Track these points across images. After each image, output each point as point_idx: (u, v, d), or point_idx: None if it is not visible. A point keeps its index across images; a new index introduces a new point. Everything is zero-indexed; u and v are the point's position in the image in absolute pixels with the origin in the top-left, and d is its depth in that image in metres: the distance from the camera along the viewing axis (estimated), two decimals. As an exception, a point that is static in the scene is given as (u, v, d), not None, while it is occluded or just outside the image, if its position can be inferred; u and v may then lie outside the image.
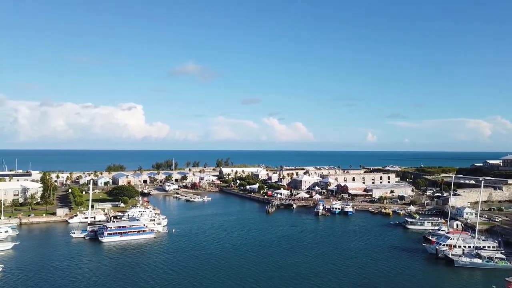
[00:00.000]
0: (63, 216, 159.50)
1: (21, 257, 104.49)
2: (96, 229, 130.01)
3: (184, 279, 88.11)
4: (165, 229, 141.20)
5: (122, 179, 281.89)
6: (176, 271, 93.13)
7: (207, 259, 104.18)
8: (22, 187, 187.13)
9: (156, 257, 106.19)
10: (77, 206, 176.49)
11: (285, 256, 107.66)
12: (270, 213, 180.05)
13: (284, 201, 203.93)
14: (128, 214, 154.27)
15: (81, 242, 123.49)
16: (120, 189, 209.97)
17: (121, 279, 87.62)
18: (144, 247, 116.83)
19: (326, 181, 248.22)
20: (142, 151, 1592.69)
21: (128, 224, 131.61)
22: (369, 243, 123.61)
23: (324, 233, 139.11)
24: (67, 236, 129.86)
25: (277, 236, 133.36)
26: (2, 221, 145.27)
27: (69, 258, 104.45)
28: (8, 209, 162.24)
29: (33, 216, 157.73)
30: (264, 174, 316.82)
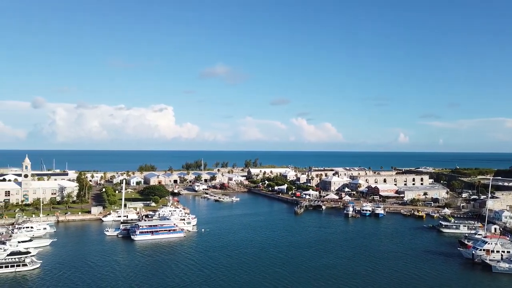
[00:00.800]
0: (97, 215, 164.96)
1: (58, 254, 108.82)
2: (129, 228, 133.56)
3: (215, 278, 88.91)
4: (194, 229, 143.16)
5: (153, 179, 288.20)
6: (208, 270, 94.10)
7: (238, 259, 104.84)
8: (59, 186, 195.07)
9: (187, 256, 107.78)
10: (111, 205, 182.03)
11: (316, 257, 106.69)
12: (299, 214, 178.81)
13: (313, 202, 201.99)
14: (159, 213, 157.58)
15: (114, 240, 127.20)
16: (152, 188, 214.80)
17: (154, 276, 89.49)
18: (175, 246, 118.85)
19: (356, 183, 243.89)
20: (173, 151, 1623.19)
21: (159, 223, 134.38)
22: (401, 246, 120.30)
23: (355, 235, 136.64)
24: (101, 234, 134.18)
25: (306, 237, 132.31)
26: (41, 218, 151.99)
27: (104, 255, 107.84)
28: (46, 207, 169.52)
29: (69, 214, 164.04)
30: (293, 175, 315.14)
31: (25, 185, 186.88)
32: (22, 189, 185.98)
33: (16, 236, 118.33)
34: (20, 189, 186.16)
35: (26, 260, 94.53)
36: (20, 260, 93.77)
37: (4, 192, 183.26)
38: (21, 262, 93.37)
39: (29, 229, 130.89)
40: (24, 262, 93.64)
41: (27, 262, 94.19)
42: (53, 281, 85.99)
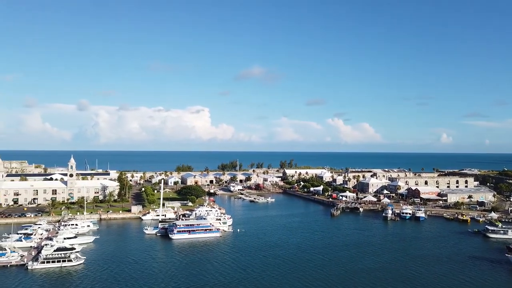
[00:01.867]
0: (137, 213, 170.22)
1: (101, 250, 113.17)
2: (167, 227, 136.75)
3: (252, 278, 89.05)
4: (230, 229, 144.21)
5: (190, 179, 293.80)
6: (244, 270, 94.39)
7: (274, 259, 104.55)
8: (102, 185, 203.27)
9: (223, 255, 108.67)
10: (150, 204, 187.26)
11: (355, 260, 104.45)
12: (335, 216, 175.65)
13: (350, 204, 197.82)
14: (196, 213, 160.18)
15: (153, 238, 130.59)
16: (188, 188, 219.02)
17: (191, 275, 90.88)
18: (211, 245, 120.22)
19: (396, 184, 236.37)
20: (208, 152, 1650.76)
21: (196, 223, 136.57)
22: (444, 251, 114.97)
23: (394, 238, 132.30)
24: (140, 232, 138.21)
25: (343, 239, 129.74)
26: (85, 216, 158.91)
27: (143, 253, 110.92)
28: (89, 206, 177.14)
29: (111, 212, 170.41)
30: (329, 176, 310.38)
31: (71, 184, 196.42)
32: (67, 188, 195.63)
33: (62, 233, 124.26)
34: (66, 188, 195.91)
35: (71, 256, 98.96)
36: (66, 256, 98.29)
37: (52, 191, 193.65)
38: (66, 258, 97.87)
39: (74, 226, 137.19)
40: (69, 258, 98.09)
41: (72, 257, 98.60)
42: (96, 277, 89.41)
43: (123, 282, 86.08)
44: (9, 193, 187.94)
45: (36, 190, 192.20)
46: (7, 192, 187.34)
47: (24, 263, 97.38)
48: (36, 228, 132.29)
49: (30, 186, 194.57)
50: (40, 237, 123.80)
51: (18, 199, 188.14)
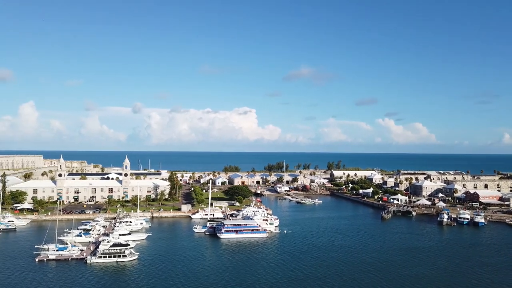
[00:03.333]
0: (186, 212, 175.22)
1: (153, 247, 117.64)
2: (215, 226, 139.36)
3: (300, 278, 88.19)
4: (277, 230, 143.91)
5: (237, 179, 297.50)
6: (291, 272, 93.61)
7: (323, 261, 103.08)
8: (154, 185, 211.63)
9: (270, 256, 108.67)
10: (199, 203, 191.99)
11: (409, 265, 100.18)
12: (386, 220, 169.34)
13: (402, 208, 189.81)
14: (243, 213, 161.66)
15: (202, 237, 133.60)
16: (236, 189, 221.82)
17: (238, 274, 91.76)
18: (258, 246, 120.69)
19: (452, 188, 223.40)
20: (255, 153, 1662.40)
21: (243, 223, 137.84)
22: (510, 259, 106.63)
23: (451, 244, 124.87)
24: (190, 230, 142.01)
25: (395, 243, 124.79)
26: (138, 214, 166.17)
27: (193, 250, 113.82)
28: (142, 204, 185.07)
29: (162, 211, 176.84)
30: (379, 178, 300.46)
31: (125, 183, 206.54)
32: (122, 186, 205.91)
33: (118, 230, 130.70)
34: (121, 186, 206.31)
35: (126, 251, 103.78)
36: (121, 251, 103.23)
37: (108, 189, 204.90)
38: (121, 253, 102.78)
39: (128, 223, 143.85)
40: (124, 254, 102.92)
41: (126, 253, 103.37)
42: (149, 272, 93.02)
43: (176, 278, 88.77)
44: (70, 191, 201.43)
45: (94, 189, 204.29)
46: (69, 190, 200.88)
47: (84, 257, 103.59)
48: (94, 224, 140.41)
49: (89, 185, 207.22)
50: (98, 233, 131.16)
51: (78, 196, 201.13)
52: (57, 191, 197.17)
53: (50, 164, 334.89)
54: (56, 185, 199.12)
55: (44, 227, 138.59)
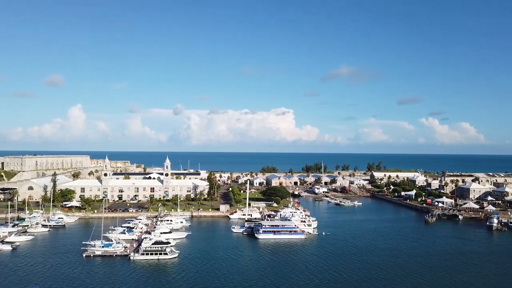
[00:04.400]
0: (225, 212, 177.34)
1: (193, 246, 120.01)
2: (253, 226, 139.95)
3: (339, 281, 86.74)
4: (315, 231, 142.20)
5: (275, 180, 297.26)
6: (330, 275, 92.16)
7: (363, 264, 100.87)
8: (193, 185, 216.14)
9: (307, 258, 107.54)
10: (236, 203, 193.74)
11: (454, 271, 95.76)
12: (430, 223, 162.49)
13: (447, 211, 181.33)
14: (281, 213, 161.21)
15: (240, 236, 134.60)
16: (273, 189, 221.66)
17: (275, 274, 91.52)
18: (296, 247, 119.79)
19: (502, 191, 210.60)
20: (293, 153, 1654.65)
21: (281, 224, 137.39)
22: None
23: (501, 250, 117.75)
24: (228, 230, 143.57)
25: (441, 248, 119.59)
26: (178, 213, 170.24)
27: (231, 250, 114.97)
28: (182, 203, 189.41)
29: (201, 210, 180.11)
30: (422, 180, 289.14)
31: (166, 182, 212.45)
32: (163, 186, 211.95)
33: (159, 228, 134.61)
34: (162, 186, 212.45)
35: (167, 249, 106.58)
36: (162, 249, 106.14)
37: (150, 188, 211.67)
38: (163, 251, 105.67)
39: (169, 222, 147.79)
40: (165, 251, 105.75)
41: (167, 251, 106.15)
42: (189, 270, 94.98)
43: (215, 276, 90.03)
44: (115, 190, 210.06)
45: (137, 188, 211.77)
46: (113, 189, 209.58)
47: (127, 253, 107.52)
48: (137, 222, 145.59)
49: (132, 184, 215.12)
50: (140, 230, 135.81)
51: (122, 195, 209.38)
52: (103, 190, 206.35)
53: (96, 164, 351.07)
54: (102, 184, 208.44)
55: (90, 224, 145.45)
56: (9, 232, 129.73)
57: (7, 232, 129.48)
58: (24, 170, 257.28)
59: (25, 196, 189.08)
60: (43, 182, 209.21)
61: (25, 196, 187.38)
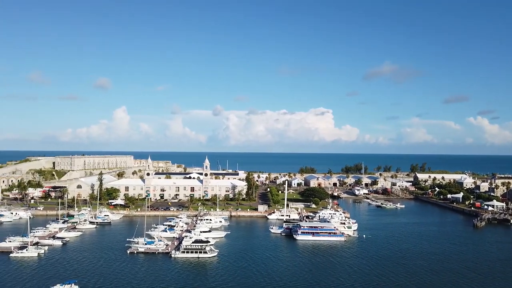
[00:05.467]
0: (263, 212, 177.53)
1: (232, 245, 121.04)
2: (291, 227, 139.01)
3: (388, 286, 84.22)
4: (355, 234, 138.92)
5: (313, 181, 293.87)
6: (376, 277, 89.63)
7: (407, 268, 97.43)
8: (231, 185, 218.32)
9: (347, 261, 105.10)
10: (275, 204, 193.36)
11: (508, 278, 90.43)
12: (479, 228, 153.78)
13: (498, 215, 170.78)
14: (320, 215, 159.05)
15: (278, 237, 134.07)
16: (312, 190, 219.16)
17: (316, 277, 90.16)
18: (335, 249, 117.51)
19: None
20: (332, 154, 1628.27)
21: (319, 225, 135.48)
22: None
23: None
24: (266, 230, 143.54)
25: (492, 254, 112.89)
26: (217, 212, 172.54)
27: (270, 250, 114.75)
28: (221, 203, 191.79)
29: (240, 210, 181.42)
30: (470, 182, 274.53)
31: (205, 182, 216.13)
32: (203, 186, 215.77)
33: (199, 227, 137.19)
34: (201, 186, 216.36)
35: (206, 248, 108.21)
36: (202, 248, 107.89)
37: (190, 188, 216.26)
38: (202, 250, 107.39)
39: (208, 221, 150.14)
40: (205, 250, 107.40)
41: (207, 250, 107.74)
42: (228, 269, 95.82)
43: (253, 276, 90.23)
44: (157, 189, 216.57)
45: (178, 187, 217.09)
46: (155, 188, 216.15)
47: (169, 251, 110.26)
48: (178, 221, 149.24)
49: (173, 184, 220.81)
50: (181, 229, 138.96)
51: (163, 194, 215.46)
52: (145, 189, 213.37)
53: (139, 164, 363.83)
54: (145, 184, 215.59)
55: (134, 222, 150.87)
56: (60, 228, 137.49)
57: (58, 228, 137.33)
58: (73, 169, 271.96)
59: (74, 194, 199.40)
60: (90, 181, 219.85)
61: (74, 194, 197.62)
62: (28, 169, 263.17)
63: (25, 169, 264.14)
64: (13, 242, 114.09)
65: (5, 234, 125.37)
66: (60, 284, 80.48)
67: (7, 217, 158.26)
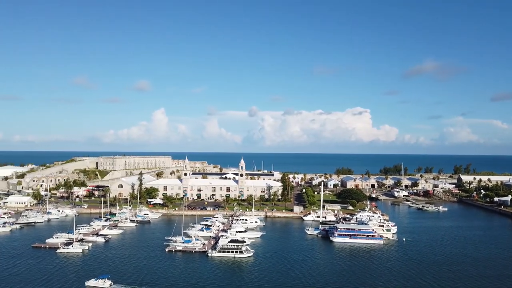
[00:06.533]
0: (298, 213, 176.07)
1: (267, 245, 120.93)
2: (327, 229, 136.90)
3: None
4: (394, 237, 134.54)
5: (350, 182, 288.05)
6: (420, 283, 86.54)
7: (457, 274, 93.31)
8: (267, 185, 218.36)
9: (386, 265, 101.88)
10: (310, 205, 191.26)
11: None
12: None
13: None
14: (357, 217, 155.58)
15: (314, 239, 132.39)
16: (349, 192, 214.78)
17: (353, 280, 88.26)
18: (373, 253, 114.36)
19: None
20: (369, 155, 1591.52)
21: (357, 227, 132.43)
22: None
23: None
24: (302, 231, 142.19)
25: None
26: (253, 212, 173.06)
27: (305, 252, 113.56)
28: (256, 203, 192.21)
29: (275, 210, 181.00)
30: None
31: (241, 183, 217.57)
32: (238, 186, 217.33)
33: (235, 227, 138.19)
34: (237, 186, 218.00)
35: (242, 248, 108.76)
36: (238, 248, 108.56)
37: (226, 188, 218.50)
38: (238, 249, 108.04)
39: (244, 221, 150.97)
40: (241, 250, 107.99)
41: (243, 250, 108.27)
42: (264, 270, 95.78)
43: (289, 278, 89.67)
44: (194, 189, 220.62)
45: (214, 187, 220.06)
46: (192, 188, 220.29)
47: (205, 250, 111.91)
48: (214, 220, 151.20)
49: (209, 184, 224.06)
50: (217, 228, 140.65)
51: (200, 194, 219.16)
52: (183, 188, 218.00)
53: (177, 164, 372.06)
54: (182, 183, 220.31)
55: (172, 221, 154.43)
56: (103, 225, 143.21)
57: (101, 225, 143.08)
58: (115, 169, 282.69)
59: (116, 193, 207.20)
60: (131, 180, 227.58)
61: (115, 193, 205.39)
62: (74, 169, 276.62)
63: (71, 169, 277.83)
64: (59, 238, 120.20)
65: (52, 230, 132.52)
66: (94, 278, 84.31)
67: (54, 215, 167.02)
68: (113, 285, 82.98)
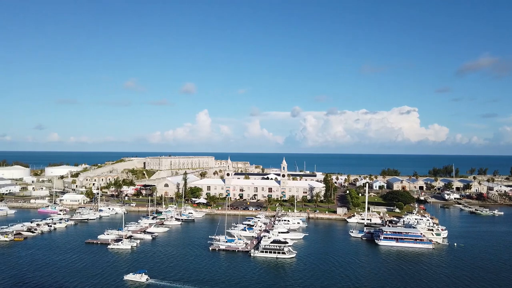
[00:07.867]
0: (342, 215, 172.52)
1: (310, 247, 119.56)
2: (372, 231, 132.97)
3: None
4: (445, 241, 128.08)
5: (397, 184, 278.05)
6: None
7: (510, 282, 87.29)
8: (309, 186, 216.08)
9: (436, 271, 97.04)
10: (354, 207, 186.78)
11: None
12: None
13: None
14: (404, 220, 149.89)
15: (359, 242, 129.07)
16: (395, 194, 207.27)
17: (401, 284, 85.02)
18: (422, 258, 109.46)
19: None
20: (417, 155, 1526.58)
21: (404, 231, 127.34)
22: None
23: None
24: (346, 234, 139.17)
25: None
26: (295, 213, 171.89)
27: (349, 255, 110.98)
28: (298, 204, 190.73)
29: (318, 212, 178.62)
30: None
31: (283, 183, 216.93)
32: (280, 187, 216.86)
33: (277, 227, 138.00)
34: (279, 186, 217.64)
35: (285, 249, 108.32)
36: (280, 248, 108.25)
37: (268, 189, 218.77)
38: (281, 250, 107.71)
39: (286, 222, 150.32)
40: (283, 250, 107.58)
41: (285, 250, 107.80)
42: (306, 271, 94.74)
43: (333, 280, 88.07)
44: (236, 189, 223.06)
45: (256, 188, 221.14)
46: (235, 188, 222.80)
47: (248, 250, 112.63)
48: (256, 220, 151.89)
49: (252, 184, 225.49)
50: (259, 229, 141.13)
51: (242, 194, 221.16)
52: (226, 188, 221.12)
53: (220, 164, 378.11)
54: (225, 183, 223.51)
55: (215, 220, 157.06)
56: (150, 223, 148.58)
57: (148, 223, 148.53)
58: (161, 169, 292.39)
59: (162, 192, 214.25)
60: (176, 180, 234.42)
61: (162, 192, 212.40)
62: (123, 169, 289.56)
63: (120, 168, 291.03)
64: (110, 235, 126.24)
65: (104, 227, 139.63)
66: (132, 273, 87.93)
67: (105, 212, 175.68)
68: (150, 279, 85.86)
